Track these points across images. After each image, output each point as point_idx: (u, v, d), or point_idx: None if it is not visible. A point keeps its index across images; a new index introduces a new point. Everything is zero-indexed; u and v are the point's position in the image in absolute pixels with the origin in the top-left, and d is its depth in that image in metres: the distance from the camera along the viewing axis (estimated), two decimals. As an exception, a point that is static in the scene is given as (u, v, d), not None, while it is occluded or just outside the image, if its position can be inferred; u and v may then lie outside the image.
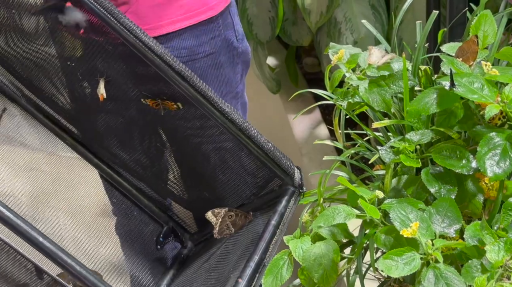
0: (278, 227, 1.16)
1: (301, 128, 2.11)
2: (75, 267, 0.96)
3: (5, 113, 1.39)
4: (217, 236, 1.26)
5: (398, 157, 1.05)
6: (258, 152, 1.20)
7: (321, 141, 1.35)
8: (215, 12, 1.27)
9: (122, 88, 1.24)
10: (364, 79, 1.15)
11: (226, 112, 1.17)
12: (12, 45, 1.29)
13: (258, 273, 1.09)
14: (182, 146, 1.31)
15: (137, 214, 1.43)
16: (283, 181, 1.23)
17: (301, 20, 2.01)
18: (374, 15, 1.83)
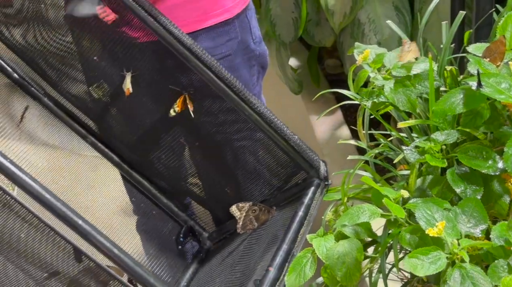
0: (305, 218, 1.17)
1: (323, 129, 2.11)
2: (114, 251, 0.98)
3: (27, 112, 1.41)
4: (240, 231, 1.27)
5: (423, 157, 1.05)
6: (284, 144, 1.21)
7: (345, 141, 1.35)
8: (231, 15, 1.27)
9: (148, 82, 1.25)
10: (389, 79, 1.15)
11: (253, 104, 1.18)
12: (38, 40, 1.31)
13: (287, 263, 1.10)
14: (206, 141, 1.32)
15: (156, 213, 1.44)
16: (308, 174, 1.24)
17: (325, 21, 2.01)
18: (398, 16, 1.83)
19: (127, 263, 1.01)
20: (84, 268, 1.03)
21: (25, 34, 1.31)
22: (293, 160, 1.24)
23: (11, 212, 0.98)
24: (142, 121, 1.34)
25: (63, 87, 1.38)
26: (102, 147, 1.42)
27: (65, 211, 0.97)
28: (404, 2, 1.84)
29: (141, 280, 1.03)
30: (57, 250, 1.00)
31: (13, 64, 1.39)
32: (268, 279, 1.08)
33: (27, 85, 1.40)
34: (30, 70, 1.39)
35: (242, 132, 1.26)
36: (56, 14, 1.26)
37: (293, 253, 1.13)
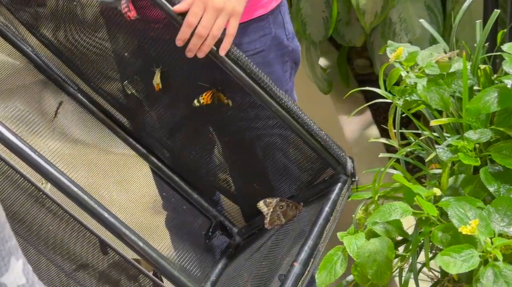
0: (332, 214, 1.17)
1: (352, 129, 2.11)
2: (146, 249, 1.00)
3: (61, 107, 1.43)
4: (267, 226, 1.27)
5: (456, 155, 1.05)
6: (311, 140, 1.21)
7: (375, 139, 1.35)
8: (265, 11, 1.28)
9: (178, 78, 1.26)
10: (422, 77, 1.14)
11: (281, 99, 1.18)
12: (73, 38, 1.33)
13: (312, 258, 1.10)
14: (235, 137, 1.33)
15: (187, 208, 1.45)
16: (336, 170, 1.24)
17: (355, 20, 2.01)
18: (430, 16, 1.82)
19: (152, 256, 1.02)
20: (113, 261, 1.04)
21: (60, 32, 1.33)
22: (320, 156, 1.24)
23: (42, 206, 1.00)
24: (174, 117, 1.35)
25: (97, 84, 1.40)
26: (134, 142, 1.44)
27: (92, 204, 0.99)
28: (436, 2, 1.83)
29: (165, 273, 1.04)
30: (85, 243, 1.02)
31: (47, 61, 1.41)
32: (293, 274, 1.08)
33: (61, 82, 1.42)
34: (64, 67, 1.41)
35: (271, 129, 1.27)
36: (90, 11, 1.28)
37: (318, 248, 1.13)
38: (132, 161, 1.50)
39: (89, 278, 1.08)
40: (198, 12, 1.10)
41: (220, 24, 1.12)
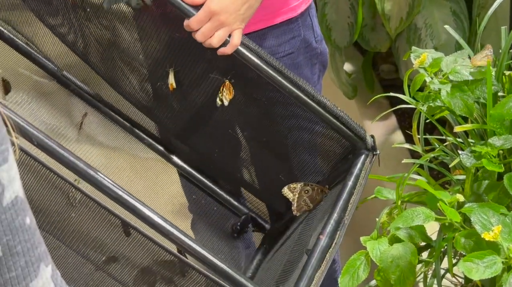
0: (355, 187, 1.18)
1: (377, 134, 2.10)
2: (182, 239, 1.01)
3: (86, 118, 1.46)
4: (296, 213, 1.26)
5: (479, 162, 1.05)
6: (330, 118, 1.23)
7: (399, 145, 1.35)
8: (295, 13, 1.30)
9: (195, 76, 1.28)
10: (446, 84, 1.15)
11: (293, 80, 1.20)
12: (103, 40, 1.36)
13: (339, 231, 1.11)
14: (258, 131, 1.34)
15: (217, 209, 1.46)
16: (356, 146, 1.25)
17: (380, 26, 2.01)
18: (456, 21, 1.81)
19: (199, 252, 1.02)
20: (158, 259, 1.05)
21: (90, 33, 1.36)
22: (340, 134, 1.25)
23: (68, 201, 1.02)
24: (198, 116, 1.37)
25: (124, 89, 1.42)
26: (159, 147, 1.46)
27: (137, 205, 1.00)
28: (462, 7, 1.82)
29: (214, 268, 1.03)
30: (134, 245, 1.03)
31: (70, 76, 1.44)
32: (319, 247, 1.09)
33: (84, 95, 1.45)
34: (87, 79, 1.44)
35: (292, 117, 1.28)
36: (121, 11, 1.31)
37: (344, 221, 1.14)
38: (159, 165, 1.52)
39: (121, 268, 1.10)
40: (203, 20, 1.14)
41: (220, 37, 1.15)
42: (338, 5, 2.02)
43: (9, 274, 0.56)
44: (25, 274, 0.57)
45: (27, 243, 0.57)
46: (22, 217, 0.57)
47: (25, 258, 0.57)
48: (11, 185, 0.56)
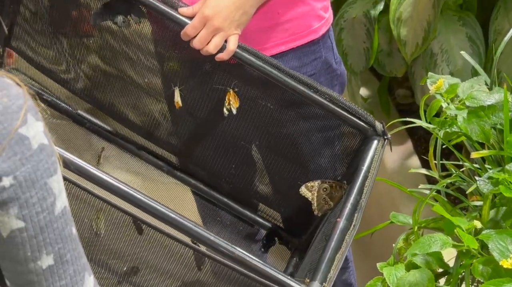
0: (369, 171, 1.17)
1: (393, 159, 2.11)
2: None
3: (104, 152, 1.48)
4: (317, 213, 1.25)
5: (497, 188, 1.05)
6: (337, 110, 1.24)
7: (416, 170, 1.35)
8: (317, 35, 1.31)
9: (200, 93, 1.29)
10: (463, 109, 1.15)
11: (296, 75, 1.22)
12: (121, 71, 1.38)
13: (356, 213, 1.10)
14: (270, 136, 1.34)
15: (243, 228, 1.45)
16: (367, 134, 1.25)
17: (396, 51, 2.02)
18: (472, 47, 1.82)
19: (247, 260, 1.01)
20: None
21: (91, 70, 1.40)
22: (350, 125, 1.25)
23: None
24: (210, 133, 1.38)
25: (134, 124, 1.44)
26: (178, 173, 1.47)
27: (181, 220, 1.02)
28: (478, 33, 1.83)
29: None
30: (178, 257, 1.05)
31: (85, 114, 1.47)
32: (338, 230, 1.08)
33: (100, 130, 1.47)
34: (101, 114, 1.46)
35: (301, 118, 1.29)
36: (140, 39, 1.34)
37: (360, 204, 1.13)
38: (180, 189, 1.52)
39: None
40: (198, 26, 1.17)
41: (216, 43, 1.18)
42: (354, 31, 2.03)
43: (60, 282, 0.59)
44: (74, 283, 0.59)
45: (75, 251, 0.60)
46: (70, 227, 0.60)
47: (73, 266, 0.59)
48: (60, 195, 0.59)
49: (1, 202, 0.56)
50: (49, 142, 0.59)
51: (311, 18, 1.30)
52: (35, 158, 0.57)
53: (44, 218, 0.57)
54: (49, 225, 0.58)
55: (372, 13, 1.99)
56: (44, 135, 0.59)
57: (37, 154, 0.57)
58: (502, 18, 1.80)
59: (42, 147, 0.58)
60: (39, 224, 0.57)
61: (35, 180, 0.57)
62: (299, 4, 1.28)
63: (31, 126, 0.57)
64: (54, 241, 0.58)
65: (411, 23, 1.82)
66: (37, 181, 0.57)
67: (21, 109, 0.57)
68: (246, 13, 1.19)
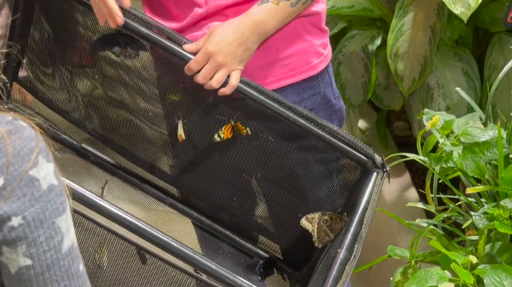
0: (369, 203, 1.19)
1: (390, 191, 2.12)
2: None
3: (107, 185, 1.50)
4: (318, 245, 1.26)
5: (492, 223, 1.07)
6: (339, 144, 1.25)
7: (413, 204, 1.37)
8: (315, 71, 1.34)
9: (202, 126, 1.32)
10: (458, 145, 1.17)
11: (302, 113, 1.25)
12: (125, 105, 1.41)
13: (356, 244, 1.12)
14: (271, 168, 1.35)
15: (244, 261, 1.46)
16: (366, 167, 1.26)
17: (394, 85, 2.05)
18: (467, 82, 1.85)
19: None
20: None
21: (95, 107, 1.43)
22: (350, 158, 1.27)
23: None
24: (212, 165, 1.39)
25: (137, 157, 1.46)
26: (180, 205, 1.48)
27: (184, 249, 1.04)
28: (473, 68, 1.86)
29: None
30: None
31: (89, 147, 1.49)
32: (339, 260, 1.09)
33: (104, 163, 1.50)
34: (104, 150, 1.49)
35: (302, 151, 1.30)
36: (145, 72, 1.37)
37: (361, 234, 1.14)
38: (177, 220, 1.54)
39: None
40: (201, 62, 1.20)
41: (219, 78, 1.21)
42: (352, 65, 2.07)
43: None
44: None
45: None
46: (77, 264, 0.62)
47: None
48: (68, 233, 0.61)
49: (10, 241, 0.58)
50: (58, 182, 0.61)
51: (310, 54, 1.33)
52: (44, 199, 0.59)
53: (51, 256, 0.60)
54: (55, 263, 0.60)
55: (370, 48, 2.03)
56: (54, 176, 0.61)
57: (46, 194, 0.59)
58: (497, 53, 1.83)
59: (51, 187, 0.60)
60: (46, 262, 0.59)
61: (43, 219, 0.59)
62: (298, 41, 1.31)
63: (41, 168, 0.60)
64: (60, 278, 0.60)
65: (408, 58, 1.85)
66: (45, 220, 0.59)
67: (33, 152, 0.59)
68: (249, 49, 1.22)
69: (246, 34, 1.21)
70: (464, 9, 1.61)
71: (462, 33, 1.93)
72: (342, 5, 1.98)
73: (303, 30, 1.31)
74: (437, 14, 1.79)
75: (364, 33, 2.06)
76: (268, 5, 1.22)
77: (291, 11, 1.24)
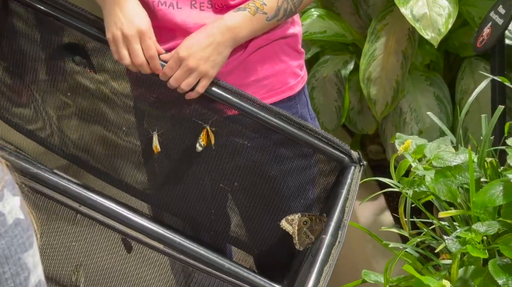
0: (349, 193, 1.19)
1: (366, 215, 2.13)
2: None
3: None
4: (299, 247, 1.24)
5: (464, 247, 1.07)
6: (315, 142, 1.26)
7: (387, 228, 1.37)
8: (293, 92, 1.36)
9: (177, 138, 1.32)
10: (430, 169, 1.18)
11: (277, 112, 1.25)
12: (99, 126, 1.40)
13: (340, 230, 1.12)
14: (248, 176, 1.35)
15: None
16: (343, 163, 1.27)
17: (367, 109, 2.07)
18: (439, 106, 1.87)
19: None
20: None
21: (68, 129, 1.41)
22: (327, 155, 1.28)
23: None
24: (188, 178, 1.38)
25: (112, 175, 1.45)
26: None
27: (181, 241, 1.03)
28: (445, 92, 1.88)
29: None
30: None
31: (60, 172, 1.47)
32: (324, 245, 1.09)
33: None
34: (77, 173, 1.47)
35: (279, 156, 1.30)
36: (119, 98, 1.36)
37: (344, 222, 1.14)
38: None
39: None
40: (174, 67, 1.22)
41: (189, 82, 1.23)
42: (325, 89, 2.08)
43: None
44: None
45: None
46: None
47: None
48: (35, 270, 0.60)
49: None
50: (25, 216, 0.60)
51: (288, 75, 1.35)
52: (10, 234, 0.58)
53: None
54: None
55: (343, 73, 2.05)
56: (20, 210, 0.59)
57: (12, 229, 0.58)
58: (467, 78, 1.86)
59: (17, 222, 0.58)
60: None
61: (8, 255, 0.57)
62: (276, 62, 1.33)
63: (7, 202, 0.58)
64: None
65: (380, 83, 1.87)
66: (11, 256, 0.57)
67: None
68: (221, 54, 1.23)
69: (218, 39, 1.22)
70: (434, 34, 1.63)
71: (433, 58, 1.96)
72: (315, 30, 2.00)
73: (281, 52, 1.33)
74: (408, 39, 1.81)
75: (337, 58, 2.08)
76: (244, 13, 1.23)
77: (265, 25, 1.26)
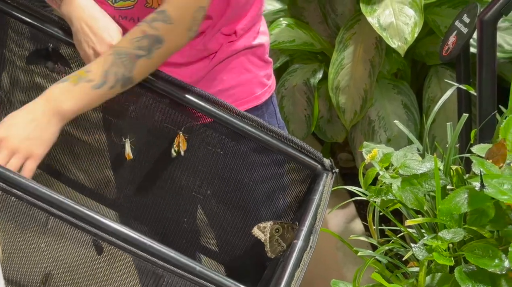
0: (321, 199, 1.19)
1: (336, 223, 2.13)
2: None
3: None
4: (271, 255, 1.23)
5: (431, 255, 1.07)
6: (287, 149, 1.26)
7: (356, 237, 1.37)
8: (260, 101, 1.37)
9: (148, 143, 1.31)
10: (397, 178, 1.18)
11: (252, 119, 1.25)
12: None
13: (312, 236, 1.11)
14: (221, 184, 1.34)
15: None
16: (316, 171, 1.28)
17: (336, 117, 2.08)
18: (407, 114, 1.89)
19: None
20: None
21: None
22: (299, 163, 1.27)
23: None
24: (160, 185, 1.37)
25: (81, 185, 1.43)
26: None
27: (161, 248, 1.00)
28: (412, 100, 1.90)
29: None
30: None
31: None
32: (296, 249, 1.08)
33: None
34: (51, 181, 1.45)
35: (252, 163, 1.30)
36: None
37: (315, 228, 1.14)
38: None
39: None
40: None
41: (13, 165, 1.07)
42: (295, 98, 2.09)
43: None
44: None
45: None
46: None
47: None
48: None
49: None
50: None
51: (255, 85, 1.35)
52: None
53: None
54: None
55: (312, 81, 2.06)
56: None
57: None
58: (434, 86, 1.88)
59: None
60: None
61: None
62: (242, 72, 1.33)
63: None
64: None
65: (348, 91, 1.88)
66: None
67: None
68: (46, 130, 1.10)
69: (39, 115, 1.09)
70: (401, 43, 1.64)
71: (401, 66, 1.98)
72: (284, 39, 2.01)
73: (247, 62, 1.34)
74: (376, 48, 1.83)
75: (306, 67, 2.09)
76: (64, 84, 1.12)
77: (94, 94, 1.13)
